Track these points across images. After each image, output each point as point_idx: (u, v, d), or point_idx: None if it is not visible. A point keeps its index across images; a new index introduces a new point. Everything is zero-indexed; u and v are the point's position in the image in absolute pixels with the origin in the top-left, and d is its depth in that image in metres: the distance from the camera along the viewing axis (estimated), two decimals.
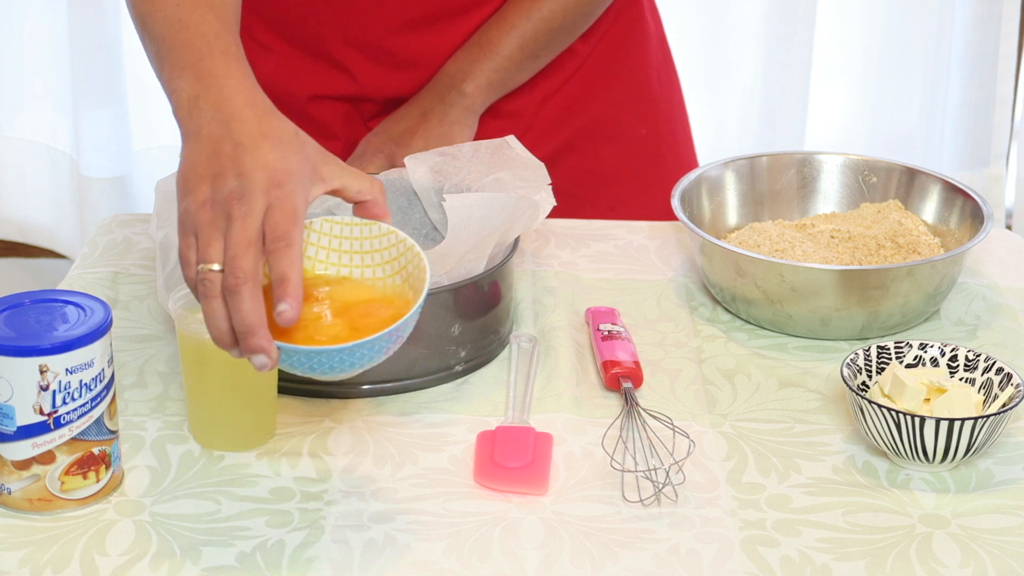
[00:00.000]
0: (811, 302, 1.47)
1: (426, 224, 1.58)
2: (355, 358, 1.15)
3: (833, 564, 1.19)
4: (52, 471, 1.22)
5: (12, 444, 1.21)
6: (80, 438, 1.22)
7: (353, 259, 1.23)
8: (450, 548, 1.20)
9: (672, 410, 1.38)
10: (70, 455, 1.22)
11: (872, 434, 1.30)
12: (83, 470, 1.23)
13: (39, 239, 3.19)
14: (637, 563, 1.19)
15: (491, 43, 1.70)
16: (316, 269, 1.22)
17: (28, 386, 1.19)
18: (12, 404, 1.20)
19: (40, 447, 1.21)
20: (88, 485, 1.24)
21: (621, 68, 1.81)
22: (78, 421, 1.22)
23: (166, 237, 1.41)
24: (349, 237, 1.23)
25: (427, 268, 1.18)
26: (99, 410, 1.23)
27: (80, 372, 1.20)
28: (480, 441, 1.32)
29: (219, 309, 1.14)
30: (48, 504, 1.23)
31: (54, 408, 1.20)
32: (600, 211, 1.77)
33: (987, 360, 1.35)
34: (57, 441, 1.21)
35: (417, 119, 1.69)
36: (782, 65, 2.91)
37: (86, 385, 1.21)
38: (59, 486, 1.23)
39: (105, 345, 1.22)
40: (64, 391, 1.20)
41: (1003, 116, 3.03)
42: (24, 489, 1.22)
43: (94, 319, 1.22)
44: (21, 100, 3.07)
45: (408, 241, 1.21)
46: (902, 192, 1.64)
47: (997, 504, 1.26)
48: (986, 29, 2.95)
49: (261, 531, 1.22)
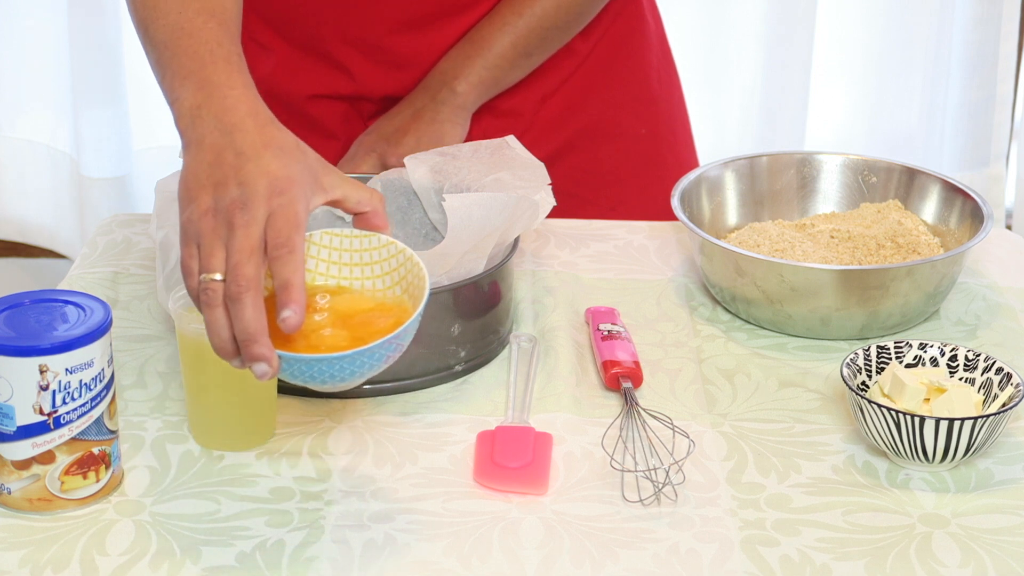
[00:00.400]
0: (811, 302, 1.47)
1: (426, 224, 1.58)
2: (355, 366, 1.15)
3: (833, 564, 1.19)
4: (52, 471, 1.22)
5: (12, 444, 1.21)
6: (80, 438, 1.22)
7: (353, 271, 1.23)
8: (450, 548, 1.20)
9: (672, 410, 1.38)
10: (70, 455, 1.22)
11: (872, 434, 1.30)
12: (83, 470, 1.23)
13: (39, 239, 3.19)
14: (637, 563, 1.19)
15: (483, 41, 1.70)
16: (316, 280, 1.22)
17: (28, 386, 1.19)
18: (12, 404, 1.20)
19: (40, 447, 1.21)
20: (88, 485, 1.24)
21: (621, 68, 1.81)
22: (78, 421, 1.21)
23: (166, 237, 1.41)
24: (349, 249, 1.23)
25: (427, 278, 1.19)
26: (99, 410, 1.23)
27: (80, 372, 1.20)
28: (480, 441, 1.32)
29: (221, 319, 1.14)
30: (48, 504, 1.23)
31: (54, 408, 1.20)
32: (600, 211, 1.77)
33: (987, 360, 1.35)
34: (57, 441, 1.21)
35: (409, 118, 1.69)
36: (782, 65, 2.91)
37: (86, 385, 1.21)
38: (59, 486, 1.23)
39: (105, 345, 1.22)
40: (64, 391, 1.20)
41: (1003, 116, 3.03)
42: (24, 489, 1.22)
43: (94, 319, 1.22)
44: (21, 100, 3.07)
45: (407, 251, 1.21)
46: (902, 192, 1.65)
47: (997, 504, 1.26)
48: (986, 29, 2.95)
49: (261, 531, 1.22)
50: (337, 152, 1.70)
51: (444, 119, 1.69)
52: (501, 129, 1.73)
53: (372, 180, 1.57)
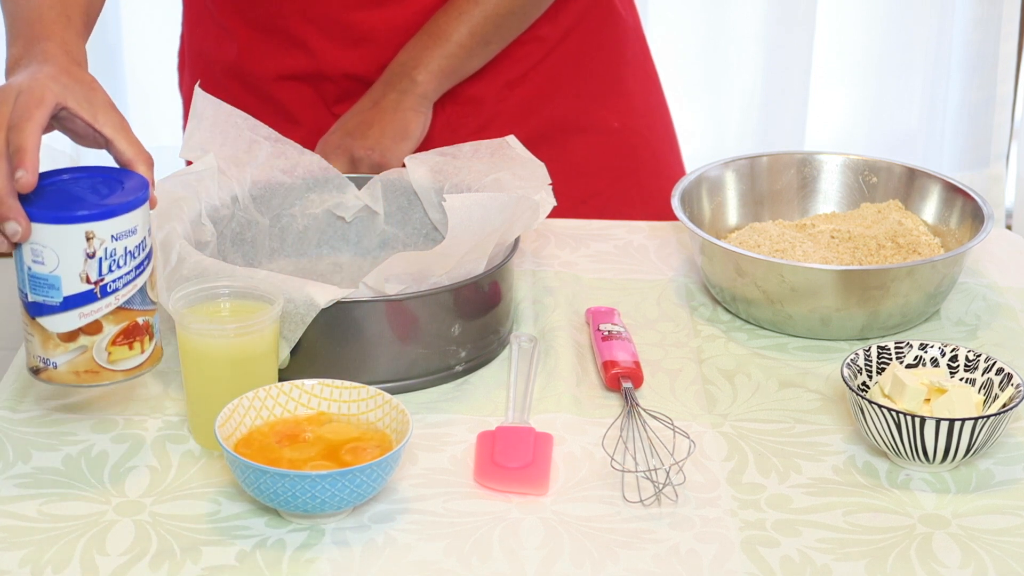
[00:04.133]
0: (811, 302, 1.47)
1: (426, 224, 1.58)
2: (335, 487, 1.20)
3: (833, 564, 1.19)
4: (99, 341, 1.21)
5: (58, 316, 1.20)
6: (126, 307, 1.22)
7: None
8: (450, 548, 1.20)
9: (672, 410, 1.38)
10: (116, 324, 1.22)
11: (872, 434, 1.30)
12: (129, 340, 1.23)
13: None
14: (637, 563, 1.19)
15: (441, 31, 1.71)
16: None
17: (75, 254, 1.19)
18: (58, 274, 1.19)
19: (87, 316, 1.21)
20: (134, 356, 1.24)
21: (592, 60, 1.82)
22: (124, 289, 1.21)
23: (166, 237, 1.41)
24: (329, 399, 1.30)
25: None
26: (143, 278, 1.23)
27: (125, 239, 1.20)
28: (480, 441, 1.32)
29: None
30: (95, 376, 1.22)
31: (100, 276, 1.20)
32: (571, 204, 1.77)
33: (987, 360, 1.35)
34: (104, 310, 1.21)
35: (371, 110, 1.70)
36: (782, 67, 2.91)
37: (130, 252, 1.21)
38: (106, 357, 1.22)
39: (146, 213, 1.22)
40: (111, 258, 1.20)
41: (1003, 116, 3.03)
42: (71, 362, 1.22)
43: (133, 187, 1.22)
44: None
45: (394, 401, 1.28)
46: (902, 192, 1.65)
47: (997, 504, 1.26)
48: (986, 29, 2.96)
49: (261, 531, 1.22)
50: (302, 138, 1.70)
51: (407, 108, 1.70)
52: (464, 116, 1.74)
53: (372, 181, 1.58)
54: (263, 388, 1.28)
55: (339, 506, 1.20)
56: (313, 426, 1.27)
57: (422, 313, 1.39)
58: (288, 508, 1.20)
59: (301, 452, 1.24)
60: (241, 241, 1.55)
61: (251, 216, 1.55)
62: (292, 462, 1.22)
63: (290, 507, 1.20)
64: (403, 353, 1.39)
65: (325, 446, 1.25)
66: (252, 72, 1.78)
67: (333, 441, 1.25)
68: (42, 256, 1.19)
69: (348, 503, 1.20)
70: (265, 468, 1.18)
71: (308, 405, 1.28)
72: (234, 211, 1.53)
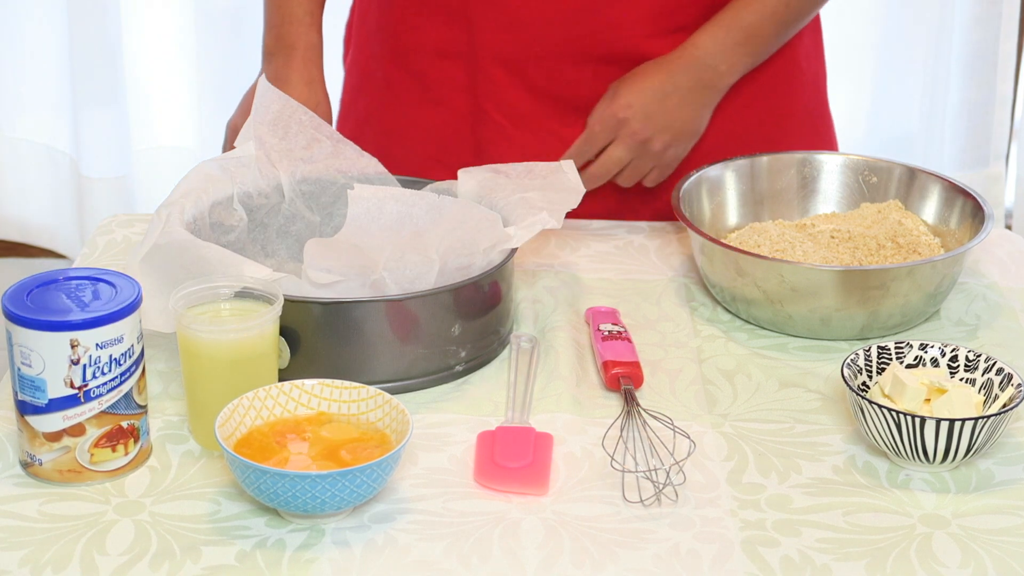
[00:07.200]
0: (811, 302, 1.47)
1: None
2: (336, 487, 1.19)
3: (833, 564, 1.19)
4: (82, 443, 1.25)
5: (44, 416, 1.24)
6: (109, 411, 1.25)
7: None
8: (450, 548, 1.20)
9: (672, 410, 1.38)
10: (99, 428, 1.25)
11: (872, 434, 1.30)
12: (112, 443, 1.26)
13: (39, 239, 3.19)
14: (637, 563, 1.19)
15: (752, 28, 1.67)
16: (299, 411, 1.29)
17: (59, 360, 1.22)
18: (44, 377, 1.22)
19: (70, 419, 1.24)
20: (117, 458, 1.26)
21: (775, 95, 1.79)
22: (107, 395, 1.24)
23: (171, 213, 1.42)
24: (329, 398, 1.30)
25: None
26: (128, 385, 1.25)
27: (110, 347, 1.23)
28: (480, 441, 1.32)
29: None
30: (77, 476, 1.25)
31: (84, 382, 1.23)
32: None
33: (987, 360, 1.35)
34: (87, 414, 1.24)
35: (672, 99, 1.66)
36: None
37: (115, 360, 1.24)
38: (88, 458, 1.25)
39: (135, 321, 1.25)
40: (94, 365, 1.23)
41: (1003, 116, 3.03)
42: (55, 460, 1.25)
43: (124, 296, 1.25)
44: (21, 100, 3.07)
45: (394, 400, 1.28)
46: (902, 192, 1.64)
47: (997, 504, 1.26)
48: (986, 29, 2.96)
49: (261, 531, 1.22)
50: (442, 119, 1.69)
51: (708, 105, 1.68)
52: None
53: (425, 188, 1.56)
54: (263, 388, 1.28)
55: (339, 506, 1.20)
56: (313, 426, 1.27)
57: (422, 313, 1.39)
58: (288, 508, 1.20)
59: (301, 452, 1.24)
60: (286, 234, 1.56)
61: (297, 210, 1.55)
62: (292, 462, 1.22)
63: (290, 507, 1.20)
64: (403, 353, 1.39)
65: (325, 446, 1.25)
66: (407, 45, 1.73)
67: (333, 441, 1.25)
68: (30, 359, 1.23)
69: (348, 503, 1.20)
70: (265, 468, 1.18)
71: (308, 405, 1.28)
72: (278, 202, 1.54)
